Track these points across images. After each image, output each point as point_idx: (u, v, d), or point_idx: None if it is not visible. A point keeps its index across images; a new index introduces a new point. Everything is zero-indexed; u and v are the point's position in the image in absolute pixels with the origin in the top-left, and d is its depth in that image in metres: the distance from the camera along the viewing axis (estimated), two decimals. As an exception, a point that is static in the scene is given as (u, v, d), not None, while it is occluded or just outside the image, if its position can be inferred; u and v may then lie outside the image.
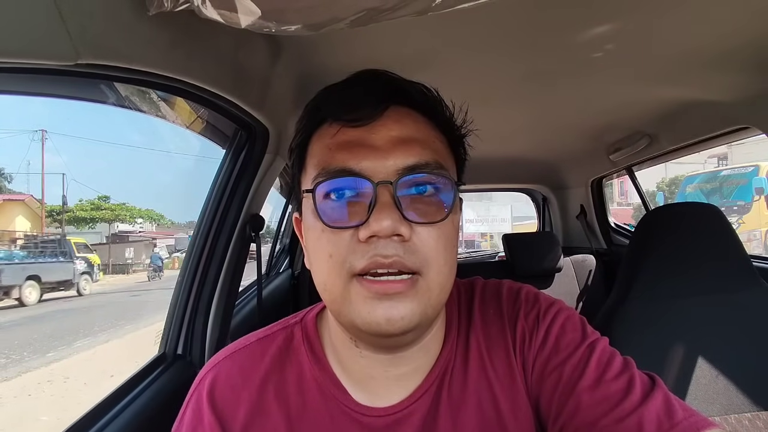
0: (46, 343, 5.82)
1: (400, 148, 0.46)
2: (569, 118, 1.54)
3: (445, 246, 0.46)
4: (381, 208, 0.43)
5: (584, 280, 2.19)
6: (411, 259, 0.44)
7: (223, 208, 1.04)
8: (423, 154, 0.46)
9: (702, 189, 8.02)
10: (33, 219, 15.74)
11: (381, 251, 0.43)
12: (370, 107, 0.47)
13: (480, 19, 0.83)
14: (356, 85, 0.50)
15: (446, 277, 0.46)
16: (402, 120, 0.48)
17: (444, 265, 0.46)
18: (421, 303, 0.44)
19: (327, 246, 0.45)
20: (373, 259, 0.43)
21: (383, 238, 0.43)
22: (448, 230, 0.46)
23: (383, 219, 0.42)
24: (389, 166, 0.45)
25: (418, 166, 0.46)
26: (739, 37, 0.92)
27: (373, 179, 0.44)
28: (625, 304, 1.10)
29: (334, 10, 0.54)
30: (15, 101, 45.24)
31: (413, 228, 0.44)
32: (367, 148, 0.46)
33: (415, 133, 0.48)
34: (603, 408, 0.46)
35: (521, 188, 2.80)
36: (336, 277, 0.45)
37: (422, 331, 0.49)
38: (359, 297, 0.44)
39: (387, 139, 0.46)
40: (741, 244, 1.13)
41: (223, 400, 0.52)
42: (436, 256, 0.45)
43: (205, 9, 0.51)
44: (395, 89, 0.49)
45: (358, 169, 0.45)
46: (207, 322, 1.02)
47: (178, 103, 0.90)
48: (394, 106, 0.49)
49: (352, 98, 0.48)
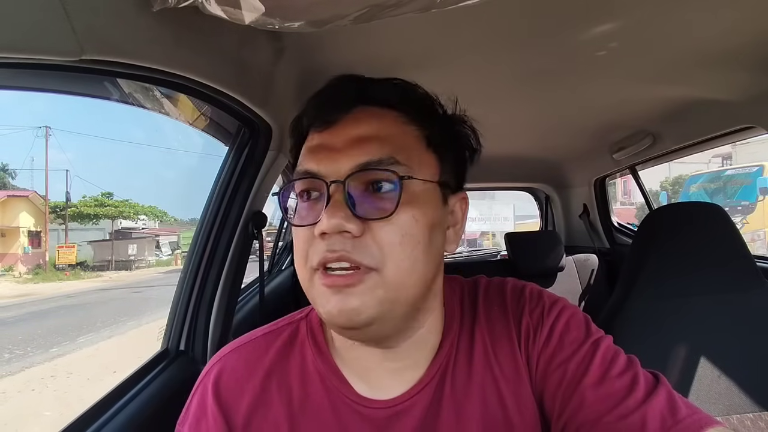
0: (49, 338, 5.86)
1: (355, 147, 0.47)
2: (572, 117, 1.53)
3: (402, 241, 0.46)
4: (331, 207, 0.45)
5: (587, 279, 2.19)
6: (360, 255, 0.45)
7: (226, 205, 1.04)
8: (377, 151, 0.47)
9: (706, 189, 7.98)
10: (36, 215, 15.83)
11: (330, 247, 0.45)
12: (334, 111, 0.50)
13: (483, 16, 0.83)
14: (326, 92, 0.53)
15: (407, 272, 0.46)
16: (366, 120, 0.49)
17: (403, 260, 0.46)
18: (376, 297, 0.45)
19: (297, 242, 0.49)
20: (323, 255, 0.46)
21: (333, 234, 0.45)
22: (405, 225, 0.46)
23: (331, 217, 0.44)
24: (342, 165, 0.47)
25: (370, 163, 0.47)
26: (743, 36, 0.91)
27: (327, 179, 0.47)
28: (628, 304, 1.10)
29: (338, 6, 0.54)
30: (20, 97, 45.38)
31: (368, 225, 0.45)
32: (326, 150, 0.49)
33: (376, 131, 0.48)
34: (607, 405, 0.46)
35: (524, 187, 2.79)
36: (302, 269, 0.48)
37: (392, 325, 0.49)
38: (319, 290, 0.47)
39: (345, 140, 0.48)
40: (745, 244, 1.12)
41: (228, 392, 0.53)
42: (390, 251, 0.45)
43: (209, 5, 0.52)
44: (359, 90, 0.51)
45: (316, 170, 0.48)
46: (209, 318, 1.02)
47: (182, 99, 0.90)
48: (363, 106, 0.50)
49: (321, 104, 0.52)
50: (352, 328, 0.47)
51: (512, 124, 1.60)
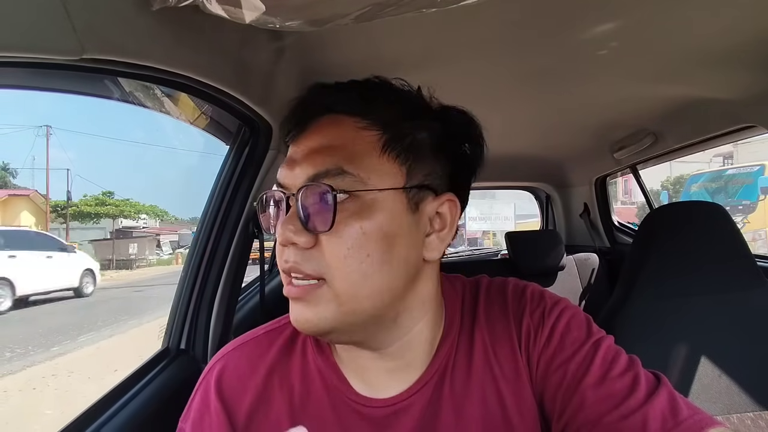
0: (50, 337, 5.87)
1: (308, 159, 0.48)
2: (573, 116, 1.53)
3: (349, 253, 0.45)
4: (285, 219, 0.47)
5: (587, 278, 2.18)
6: (309, 267, 0.46)
7: (227, 204, 1.04)
8: (325, 162, 0.46)
9: (707, 188, 7.96)
10: (38, 214, 15.84)
11: (285, 257, 0.47)
12: (300, 122, 0.51)
13: (483, 16, 0.83)
14: (297, 103, 0.52)
15: (357, 284, 0.45)
16: (325, 129, 0.49)
17: (351, 272, 0.45)
18: (328, 309, 0.46)
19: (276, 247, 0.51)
20: (281, 264, 0.48)
21: (288, 245, 0.47)
22: (353, 237, 0.45)
23: (284, 230, 0.46)
24: (298, 177, 0.48)
25: (318, 175, 0.46)
26: (744, 34, 0.91)
27: (286, 191, 0.49)
28: (628, 303, 1.10)
29: (339, 5, 0.54)
30: (20, 97, 45.44)
31: (318, 237, 0.46)
32: (291, 162, 0.50)
33: (330, 141, 0.48)
34: (607, 405, 0.46)
35: (524, 186, 2.79)
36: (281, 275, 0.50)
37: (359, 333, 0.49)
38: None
39: (303, 152, 0.49)
40: (746, 244, 1.12)
41: (230, 389, 0.54)
42: (336, 264, 0.45)
43: (209, 4, 0.52)
44: (322, 99, 0.51)
45: (282, 181, 0.50)
46: (210, 317, 1.03)
47: (182, 98, 0.90)
48: (327, 115, 0.50)
49: (290, 116, 0.52)
50: (317, 335, 0.49)
51: (513, 123, 1.60)
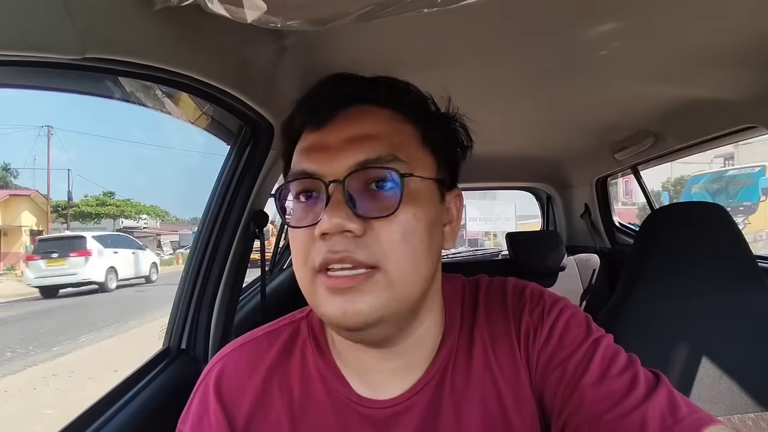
0: (51, 337, 5.87)
1: (351, 146, 0.47)
2: (574, 117, 1.53)
3: (404, 239, 0.45)
4: (331, 207, 0.45)
5: (588, 279, 2.18)
6: (363, 254, 0.44)
7: (228, 204, 1.04)
8: (375, 149, 0.47)
9: (708, 189, 7.96)
10: (38, 214, 15.86)
11: (332, 247, 0.45)
12: (326, 110, 0.49)
13: (485, 16, 0.83)
14: (319, 91, 0.52)
15: (409, 270, 0.46)
16: (359, 118, 0.49)
17: (405, 258, 0.46)
18: (381, 297, 0.45)
19: (295, 243, 0.48)
20: (326, 256, 0.45)
21: (334, 234, 0.44)
22: (407, 222, 0.46)
23: (332, 217, 0.44)
24: (340, 164, 0.46)
25: (369, 161, 0.46)
26: (744, 35, 0.91)
27: (325, 179, 0.46)
28: (629, 304, 1.10)
29: (340, 5, 0.54)
30: (22, 97, 45.44)
31: (369, 223, 0.45)
32: (321, 150, 0.48)
33: (371, 130, 0.48)
34: (607, 403, 0.46)
35: (525, 187, 2.79)
36: (303, 272, 0.48)
37: (395, 325, 0.48)
38: (321, 292, 0.46)
39: (340, 139, 0.48)
40: (747, 244, 1.12)
41: (229, 391, 0.53)
42: (393, 250, 0.45)
43: (210, 4, 0.52)
44: (351, 89, 0.51)
45: (313, 170, 0.47)
46: (211, 317, 1.03)
47: (183, 98, 0.90)
48: (357, 105, 0.50)
49: (313, 104, 0.51)
50: (356, 330, 0.46)
51: (514, 123, 1.60)
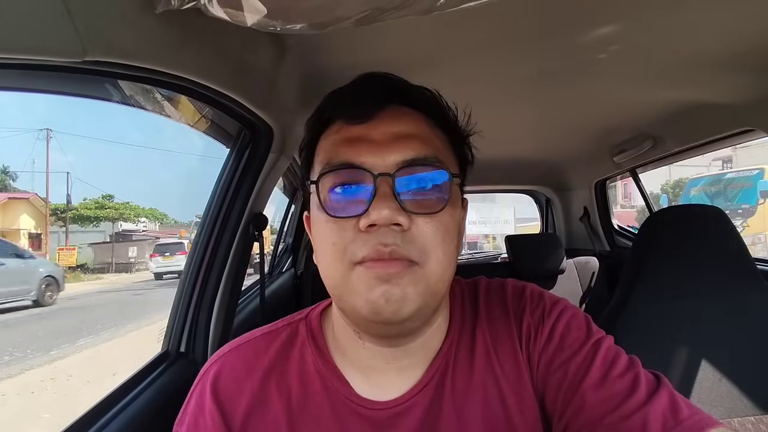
0: (49, 340, 5.85)
1: (399, 143, 0.48)
2: (573, 120, 1.54)
3: (443, 238, 0.47)
4: (380, 199, 0.45)
5: (587, 282, 2.18)
6: (408, 248, 0.45)
7: (227, 207, 1.04)
8: (422, 148, 0.48)
9: (706, 192, 7.97)
10: (37, 217, 15.83)
11: (381, 239, 0.45)
12: (370, 105, 0.49)
13: (484, 19, 0.83)
14: (359, 86, 0.52)
15: (444, 267, 0.48)
16: (401, 117, 0.50)
17: (443, 255, 0.47)
18: (419, 290, 0.45)
19: (330, 235, 0.47)
20: (374, 248, 0.45)
21: (383, 227, 0.45)
22: (446, 222, 0.48)
23: (382, 209, 0.44)
24: (389, 159, 0.47)
25: (417, 159, 0.47)
26: (743, 39, 0.92)
27: (373, 171, 0.46)
28: (628, 307, 1.10)
29: (339, 9, 0.54)
30: (21, 99, 45.41)
31: (412, 218, 0.46)
32: (368, 143, 0.48)
33: (414, 130, 0.50)
34: (608, 406, 0.46)
35: (524, 189, 2.79)
36: (339, 263, 0.47)
37: (423, 320, 0.50)
38: (360, 281, 0.46)
39: (387, 135, 0.48)
40: (745, 247, 1.12)
41: (226, 392, 0.53)
42: (434, 247, 0.46)
43: (211, 7, 0.52)
44: (395, 89, 0.52)
45: (359, 162, 0.47)
46: (210, 319, 1.02)
47: (183, 101, 0.90)
48: (395, 105, 0.51)
49: (355, 98, 0.51)
50: (393, 323, 0.46)
51: (513, 126, 1.60)
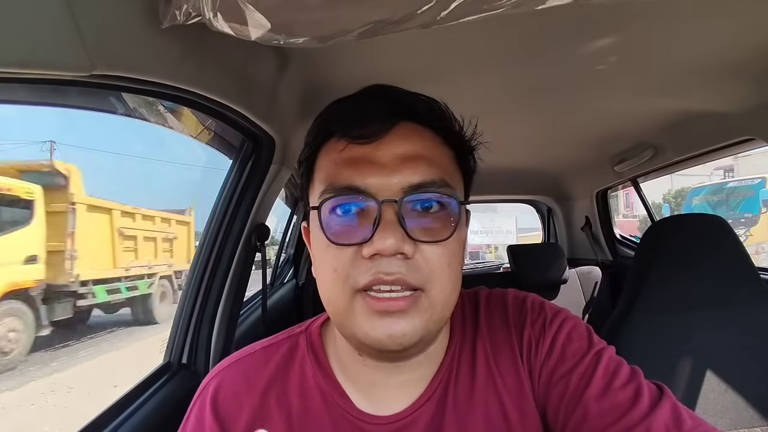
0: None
1: (406, 166, 0.46)
2: (574, 130, 1.54)
3: (449, 263, 0.46)
4: (385, 227, 0.43)
5: (590, 291, 2.17)
6: (413, 276, 0.44)
7: (229, 218, 1.04)
8: (429, 172, 0.46)
9: (708, 201, 7.95)
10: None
11: (384, 269, 0.43)
12: (377, 124, 0.47)
13: (485, 32, 0.84)
14: (364, 101, 0.50)
15: (449, 293, 0.47)
16: (409, 137, 0.48)
17: (448, 282, 0.46)
18: (423, 319, 0.45)
19: (332, 260, 0.46)
20: (376, 276, 0.43)
21: (386, 256, 0.43)
22: (453, 247, 0.47)
23: (387, 237, 0.43)
24: (394, 183, 0.45)
25: (424, 184, 0.46)
26: (742, 48, 0.92)
27: (378, 197, 0.45)
28: (631, 316, 1.09)
29: (342, 22, 0.55)
30: (23, 111, 45.60)
31: (417, 245, 0.45)
32: (373, 166, 0.46)
33: (421, 150, 0.47)
34: (610, 417, 0.45)
35: (526, 199, 2.79)
36: (340, 291, 0.45)
37: (425, 345, 0.49)
38: (362, 312, 0.45)
39: (393, 157, 0.46)
40: (748, 256, 1.12)
41: (226, 406, 0.52)
42: (440, 274, 0.45)
43: (216, 22, 0.53)
44: (402, 105, 0.49)
45: (364, 186, 0.45)
46: (212, 331, 1.02)
47: (186, 113, 0.91)
48: (402, 122, 0.48)
49: (360, 114, 0.48)
50: (391, 351, 0.45)
51: (514, 136, 1.61)
